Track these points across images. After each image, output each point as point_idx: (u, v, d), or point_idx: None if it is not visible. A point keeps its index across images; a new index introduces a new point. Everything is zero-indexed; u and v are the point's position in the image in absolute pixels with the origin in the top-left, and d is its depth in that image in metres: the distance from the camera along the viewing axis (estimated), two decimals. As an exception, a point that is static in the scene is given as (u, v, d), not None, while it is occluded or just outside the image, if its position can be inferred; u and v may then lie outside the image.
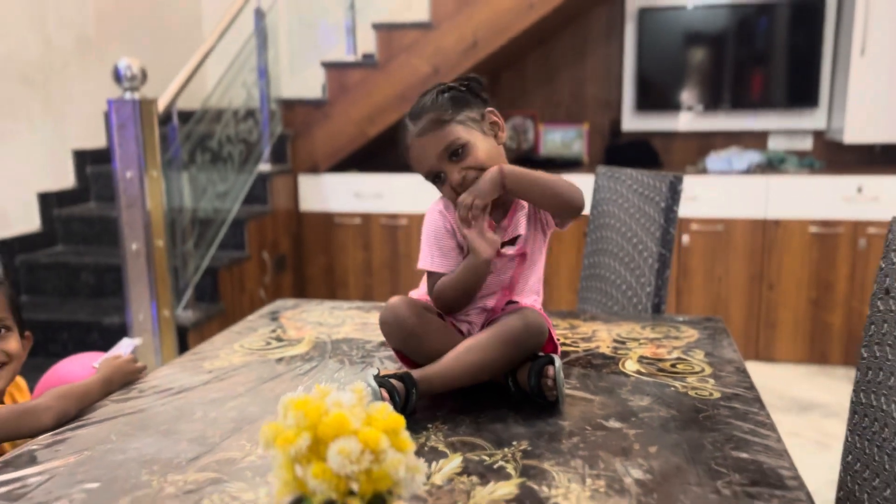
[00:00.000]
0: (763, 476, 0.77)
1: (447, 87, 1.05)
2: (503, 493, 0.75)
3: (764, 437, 0.86)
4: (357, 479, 0.59)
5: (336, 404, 0.61)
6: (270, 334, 1.29)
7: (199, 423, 0.93)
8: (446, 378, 0.94)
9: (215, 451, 0.85)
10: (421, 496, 0.74)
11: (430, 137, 1.01)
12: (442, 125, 1.01)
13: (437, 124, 1.01)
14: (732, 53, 3.61)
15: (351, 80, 3.38)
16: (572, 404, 0.97)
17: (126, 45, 3.55)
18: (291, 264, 3.46)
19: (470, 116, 1.03)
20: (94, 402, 0.98)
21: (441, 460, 0.82)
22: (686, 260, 3.22)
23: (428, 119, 1.02)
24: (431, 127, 1.01)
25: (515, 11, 3.16)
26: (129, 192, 2.42)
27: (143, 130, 2.39)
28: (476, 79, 1.07)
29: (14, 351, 1.04)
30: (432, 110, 1.02)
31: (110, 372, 1.03)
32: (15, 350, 1.04)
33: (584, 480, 0.77)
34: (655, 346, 1.19)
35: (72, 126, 3.30)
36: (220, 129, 2.99)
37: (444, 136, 1.01)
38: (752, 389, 1.01)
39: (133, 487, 0.77)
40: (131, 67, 2.39)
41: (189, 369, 1.12)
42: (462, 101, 1.04)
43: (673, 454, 0.82)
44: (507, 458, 0.82)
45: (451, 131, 1.01)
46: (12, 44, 2.96)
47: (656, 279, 1.38)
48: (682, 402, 0.97)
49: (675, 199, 1.36)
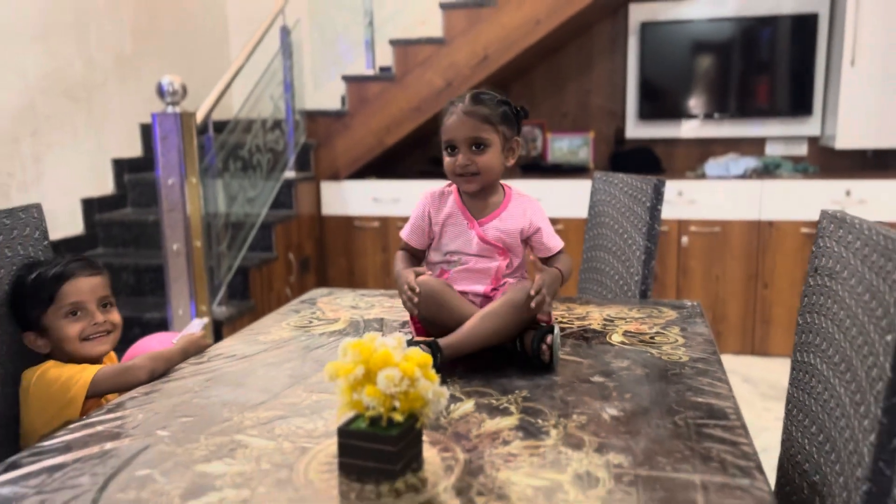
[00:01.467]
0: (711, 413, 0.98)
1: (508, 102, 1.26)
2: (506, 424, 0.96)
3: (717, 387, 1.07)
4: (398, 398, 0.80)
5: (382, 345, 0.83)
6: (311, 315, 1.51)
7: (261, 379, 1.15)
8: (465, 344, 1.15)
9: (278, 398, 1.07)
10: (443, 425, 0.95)
11: (471, 119, 1.21)
12: (485, 121, 1.22)
13: (483, 118, 1.22)
14: (731, 65, 3.81)
15: (370, 92, 3.61)
16: (565, 365, 1.18)
17: (159, 62, 3.80)
18: (315, 265, 3.69)
19: (504, 133, 1.24)
20: (174, 366, 1.21)
21: (458, 403, 1.03)
22: (685, 260, 3.41)
23: (481, 109, 1.22)
24: (479, 116, 1.21)
25: (523, 28, 3.38)
26: (170, 197, 2.65)
27: (183, 141, 2.63)
28: (525, 110, 1.28)
29: (118, 322, 1.28)
30: (488, 107, 1.23)
31: (186, 343, 1.26)
32: (118, 321, 1.28)
33: (570, 416, 0.98)
34: (639, 324, 1.40)
35: (111, 137, 3.55)
36: (250, 140, 3.23)
37: (480, 129, 1.22)
38: (714, 355, 1.21)
39: (219, 420, 0.99)
40: (173, 84, 2.63)
41: (247, 342, 1.34)
42: (508, 118, 1.25)
43: (642, 399, 1.03)
44: (510, 402, 1.03)
45: (487, 131, 1.22)
46: (59, 63, 3.21)
47: (643, 269, 1.59)
48: (655, 364, 1.18)
49: (658, 199, 1.57)
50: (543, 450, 0.88)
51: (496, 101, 1.25)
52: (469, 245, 1.26)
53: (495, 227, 1.26)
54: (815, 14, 3.64)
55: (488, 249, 1.26)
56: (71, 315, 1.25)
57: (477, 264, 1.26)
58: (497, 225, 1.26)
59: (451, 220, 1.27)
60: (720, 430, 0.93)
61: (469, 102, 1.23)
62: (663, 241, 3.42)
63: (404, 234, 1.31)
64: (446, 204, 1.28)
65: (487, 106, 1.23)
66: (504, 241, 1.26)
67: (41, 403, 1.18)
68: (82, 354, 1.26)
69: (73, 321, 1.25)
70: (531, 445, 0.90)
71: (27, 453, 0.91)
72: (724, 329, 3.42)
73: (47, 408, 1.17)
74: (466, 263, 1.27)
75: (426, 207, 1.29)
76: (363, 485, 0.80)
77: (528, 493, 0.78)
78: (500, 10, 3.38)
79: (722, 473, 0.82)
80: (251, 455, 0.88)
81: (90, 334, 1.26)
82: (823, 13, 3.64)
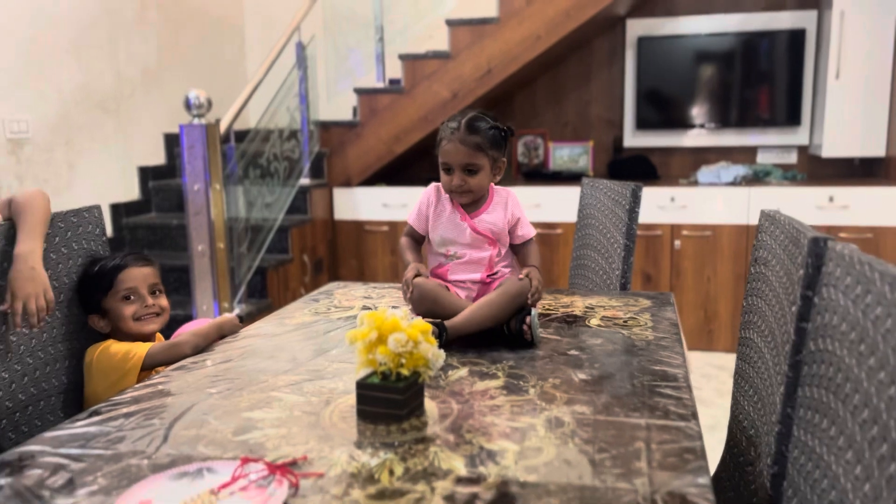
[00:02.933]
0: (664, 377, 1.18)
1: (498, 126, 1.45)
2: (494, 384, 1.16)
3: (673, 359, 1.27)
4: (404, 357, 1.01)
5: (392, 315, 1.03)
6: (329, 304, 1.71)
7: (289, 352, 1.35)
8: (465, 325, 1.35)
9: (305, 366, 1.27)
10: (441, 386, 1.16)
11: (465, 148, 1.42)
12: (477, 149, 1.42)
13: (476, 146, 1.42)
14: (724, 77, 4.01)
15: (380, 104, 3.83)
16: (547, 343, 1.38)
17: (181, 75, 4.04)
18: (328, 266, 3.90)
19: (493, 156, 1.45)
20: (213, 342, 1.42)
21: (455, 370, 1.23)
22: (678, 262, 3.60)
23: (474, 139, 1.42)
24: (471, 145, 1.41)
25: (524, 43, 3.59)
26: (196, 201, 2.87)
27: (208, 150, 2.85)
28: (512, 130, 1.49)
29: (166, 306, 1.50)
30: (480, 135, 1.42)
31: (222, 321, 1.47)
32: (166, 305, 1.50)
33: (547, 379, 1.18)
34: (616, 311, 1.60)
35: (137, 146, 3.78)
36: (268, 149, 3.45)
37: (472, 157, 1.42)
38: (677, 335, 1.41)
39: (256, 382, 1.19)
40: (199, 97, 2.85)
41: (274, 324, 1.55)
42: (497, 142, 1.45)
43: (609, 367, 1.23)
44: (498, 369, 1.23)
45: (478, 157, 1.43)
46: (92, 76, 3.45)
47: (623, 264, 1.78)
48: (624, 342, 1.38)
49: (636, 202, 1.77)
50: (522, 402, 1.09)
51: (488, 126, 1.44)
52: (463, 236, 1.47)
53: (484, 219, 1.47)
54: (803, 30, 3.83)
55: (479, 240, 1.47)
56: (125, 299, 1.47)
57: (472, 256, 1.47)
58: (486, 217, 1.47)
59: (447, 214, 1.48)
60: (669, 389, 1.13)
61: (464, 131, 1.42)
62: (657, 244, 3.61)
63: (411, 219, 1.54)
64: (443, 200, 1.49)
65: (480, 134, 1.42)
66: (493, 231, 1.47)
67: (104, 372, 1.40)
68: (135, 332, 1.47)
69: (127, 304, 1.46)
70: (513, 400, 1.10)
71: (104, 404, 1.12)
72: (715, 327, 3.61)
73: (109, 375, 1.39)
74: (462, 257, 1.47)
75: (430, 196, 1.51)
76: (376, 426, 1.01)
77: (507, 431, 0.98)
78: (503, 26, 3.60)
79: (664, 418, 1.02)
80: (285, 406, 1.09)
81: (141, 315, 1.47)
82: (811, 29, 3.84)
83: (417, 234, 1.55)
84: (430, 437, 0.97)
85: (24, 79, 3.10)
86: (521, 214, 1.51)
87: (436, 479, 0.86)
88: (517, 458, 0.90)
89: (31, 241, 1.31)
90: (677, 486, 0.83)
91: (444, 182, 1.47)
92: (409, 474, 0.87)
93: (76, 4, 3.34)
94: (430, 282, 1.42)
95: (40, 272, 1.30)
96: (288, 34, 3.54)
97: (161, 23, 3.92)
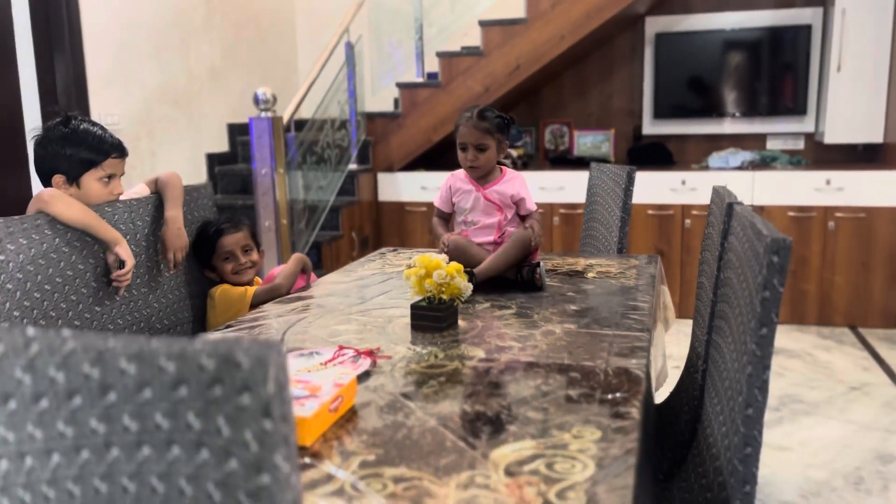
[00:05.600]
0: (634, 308, 1.60)
1: (502, 116, 1.88)
2: (507, 312, 1.60)
3: (644, 298, 1.69)
4: (444, 287, 1.45)
5: (435, 258, 1.48)
6: (383, 262, 2.17)
7: (357, 293, 1.81)
8: (489, 270, 1.79)
9: (371, 301, 1.72)
10: (469, 313, 1.60)
11: (475, 130, 1.84)
12: (486, 132, 1.85)
13: (485, 130, 1.85)
14: (736, 69, 4.35)
15: (419, 97, 4.26)
16: (551, 288, 1.81)
17: (241, 72, 4.52)
18: (372, 243, 4.37)
19: (498, 138, 1.88)
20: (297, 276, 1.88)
21: (479, 304, 1.67)
22: (688, 240, 3.98)
23: (483, 124, 1.85)
24: (481, 128, 1.84)
25: (550, 42, 3.98)
26: (263, 184, 3.35)
27: (273, 139, 3.32)
28: (513, 119, 1.91)
29: (256, 259, 1.98)
30: (489, 121, 1.86)
31: (298, 258, 1.94)
32: (257, 258, 1.98)
33: (547, 309, 1.61)
34: (610, 268, 2.02)
35: (204, 135, 4.28)
36: (322, 138, 3.92)
37: (482, 138, 1.85)
38: (652, 282, 1.83)
39: (337, 310, 1.65)
40: (266, 94, 3.32)
41: (342, 276, 2.01)
42: (501, 128, 1.88)
43: (595, 302, 1.66)
44: (511, 304, 1.67)
45: (486, 138, 1.86)
46: (168, 76, 3.95)
47: (619, 232, 2.20)
48: (613, 287, 1.80)
49: (630, 182, 2.18)
50: (527, 323, 1.52)
51: (494, 116, 1.87)
52: (478, 203, 1.90)
53: (495, 190, 1.90)
54: (808, 25, 4.16)
55: (490, 207, 1.90)
56: (225, 259, 1.94)
57: (485, 222, 1.90)
58: (496, 188, 1.90)
59: (464, 189, 1.92)
60: (635, 315, 1.56)
61: (476, 118, 1.85)
62: (670, 223, 3.99)
63: (437, 203, 1.98)
64: (461, 180, 1.93)
65: (488, 121, 1.85)
66: (501, 200, 1.90)
67: (225, 305, 1.88)
68: (235, 282, 1.95)
69: (227, 263, 1.94)
70: (520, 321, 1.54)
71: (232, 322, 1.59)
72: (721, 299, 3.97)
73: (229, 308, 1.87)
74: (477, 223, 1.91)
75: (449, 183, 1.95)
76: (424, 333, 1.46)
77: (514, 337, 1.42)
78: (530, 26, 3.99)
79: (625, 331, 1.44)
80: (360, 323, 1.55)
81: (237, 270, 1.95)
82: (816, 25, 4.16)
83: (445, 214, 1.99)
84: (461, 340, 1.42)
85: (116, 78, 3.60)
86: (524, 195, 1.92)
87: (465, 359, 1.30)
88: (519, 351, 1.34)
89: (176, 209, 1.79)
90: (623, 364, 1.26)
91: (460, 158, 1.90)
92: (447, 356, 1.31)
93: (154, 12, 3.83)
94: (460, 238, 1.86)
95: (184, 232, 1.78)
96: (339, 34, 3.99)
97: (225, 26, 4.41)
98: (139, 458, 0.60)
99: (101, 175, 1.72)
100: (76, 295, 1.62)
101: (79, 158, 1.68)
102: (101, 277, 1.70)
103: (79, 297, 1.63)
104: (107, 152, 1.72)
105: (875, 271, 3.73)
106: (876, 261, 3.72)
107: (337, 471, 0.91)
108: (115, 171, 1.75)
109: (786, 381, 3.08)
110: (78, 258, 1.63)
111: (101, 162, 1.71)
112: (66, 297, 1.59)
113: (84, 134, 1.69)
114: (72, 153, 1.67)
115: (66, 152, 1.66)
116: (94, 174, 1.70)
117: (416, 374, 1.24)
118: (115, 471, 0.61)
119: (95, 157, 1.70)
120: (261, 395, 0.55)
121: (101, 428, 0.60)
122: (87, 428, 0.60)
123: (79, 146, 1.67)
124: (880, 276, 3.72)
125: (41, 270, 1.53)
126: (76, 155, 1.67)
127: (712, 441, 1.20)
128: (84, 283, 1.65)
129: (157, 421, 0.59)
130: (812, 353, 3.44)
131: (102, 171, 1.72)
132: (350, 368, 1.24)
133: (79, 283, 1.63)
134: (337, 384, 1.07)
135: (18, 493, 0.64)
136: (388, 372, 1.25)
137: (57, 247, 1.57)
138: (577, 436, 0.98)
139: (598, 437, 0.98)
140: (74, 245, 1.63)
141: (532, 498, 0.83)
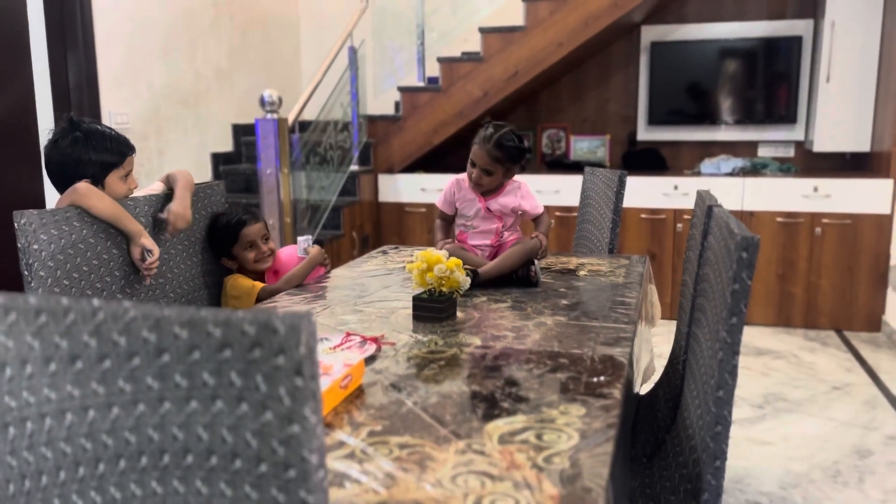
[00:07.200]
0: (621, 303, 1.71)
1: (519, 147, 1.95)
2: (503, 305, 1.71)
3: (630, 294, 1.80)
4: (444, 280, 1.56)
5: (436, 254, 1.58)
6: (385, 259, 2.27)
7: (363, 285, 1.91)
8: (491, 271, 1.89)
9: (375, 293, 1.83)
10: (468, 306, 1.70)
11: (487, 156, 1.93)
12: (496, 161, 1.94)
13: (495, 159, 1.93)
14: (729, 78, 4.47)
15: (420, 100, 4.37)
16: (544, 284, 1.91)
17: (246, 73, 4.63)
18: (372, 242, 4.48)
19: (507, 167, 1.97)
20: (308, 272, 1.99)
21: (477, 298, 1.78)
22: (679, 244, 4.09)
23: (497, 152, 1.92)
24: (493, 157, 1.93)
25: (548, 48, 4.10)
26: (268, 183, 3.46)
27: (278, 140, 3.43)
28: (529, 149, 2.01)
29: (273, 247, 2.09)
30: (502, 151, 1.93)
31: (315, 252, 2.04)
32: (273, 247, 2.09)
33: (540, 303, 1.72)
34: (601, 266, 2.13)
35: (210, 135, 4.39)
36: (325, 139, 4.02)
37: (491, 164, 1.94)
38: (640, 280, 1.94)
39: (344, 303, 1.75)
40: (272, 96, 3.43)
41: (347, 270, 2.12)
42: (513, 158, 1.96)
43: (585, 297, 1.77)
44: (507, 298, 1.78)
45: (495, 167, 1.95)
46: (176, 76, 4.05)
47: (611, 233, 2.31)
48: (602, 283, 1.91)
49: (622, 185, 2.29)
50: (521, 315, 1.63)
51: (512, 146, 1.93)
52: (478, 213, 2.00)
53: (496, 201, 2.01)
54: (799, 37, 4.28)
55: (489, 216, 2.00)
56: (247, 248, 2.05)
57: (483, 227, 2.01)
58: (498, 200, 2.00)
59: (467, 197, 2.02)
60: (622, 309, 1.67)
61: (493, 145, 1.92)
62: (662, 227, 4.11)
63: (439, 204, 2.07)
64: (465, 188, 2.03)
65: (503, 151, 1.92)
66: (501, 211, 2.00)
67: (235, 294, 1.98)
68: (256, 269, 2.06)
69: (248, 251, 2.05)
70: (515, 314, 1.64)
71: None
72: (711, 301, 4.09)
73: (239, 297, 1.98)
74: (477, 227, 2.02)
75: (452, 188, 2.05)
76: (425, 323, 1.56)
77: (509, 327, 1.53)
78: (529, 33, 4.11)
79: (612, 323, 1.55)
80: (365, 313, 1.65)
81: (258, 258, 2.06)
82: (807, 37, 4.28)
83: (447, 216, 2.08)
84: (459, 329, 1.52)
85: (125, 78, 3.71)
86: (527, 205, 2.03)
87: (463, 346, 1.41)
88: (513, 339, 1.45)
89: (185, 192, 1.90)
90: (609, 352, 1.37)
91: (468, 171, 2.00)
92: (446, 343, 1.42)
93: (162, 12, 3.94)
94: (454, 247, 1.97)
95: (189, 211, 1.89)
96: (343, 39, 4.10)
97: (231, 27, 4.52)
98: (188, 411, 0.70)
99: (122, 174, 1.82)
100: (101, 283, 1.72)
101: (101, 161, 1.78)
102: (123, 267, 1.80)
103: (103, 286, 1.73)
104: (124, 152, 1.83)
105: (860, 276, 3.85)
106: (861, 266, 3.84)
107: (348, 438, 1.01)
108: (131, 167, 1.86)
109: (771, 381, 3.19)
110: (103, 249, 1.74)
111: (122, 162, 1.82)
112: (91, 285, 1.69)
113: (101, 137, 1.79)
114: (95, 158, 1.77)
115: (89, 157, 1.76)
116: (117, 173, 1.81)
117: (418, 358, 1.35)
118: (166, 422, 0.71)
119: (117, 159, 1.80)
120: (294, 357, 0.66)
121: (155, 385, 0.71)
122: (144, 384, 0.71)
123: (100, 150, 1.77)
124: (865, 281, 3.84)
125: (70, 260, 1.64)
126: (99, 159, 1.77)
127: (689, 423, 1.31)
128: (108, 272, 1.75)
129: (204, 379, 0.69)
130: (797, 354, 3.55)
131: (123, 169, 1.83)
132: (357, 353, 1.35)
133: (103, 272, 1.74)
134: (347, 364, 1.17)
135: (81, 442, 0.75)
136: (392, 356, 1.36)
137: (85, 238, 1.68)
138: (564, 412, 1.09)
139: (583, 413, 1.09)
140: (100, 237, 1.74)
141: (522, 462, 0.93)
